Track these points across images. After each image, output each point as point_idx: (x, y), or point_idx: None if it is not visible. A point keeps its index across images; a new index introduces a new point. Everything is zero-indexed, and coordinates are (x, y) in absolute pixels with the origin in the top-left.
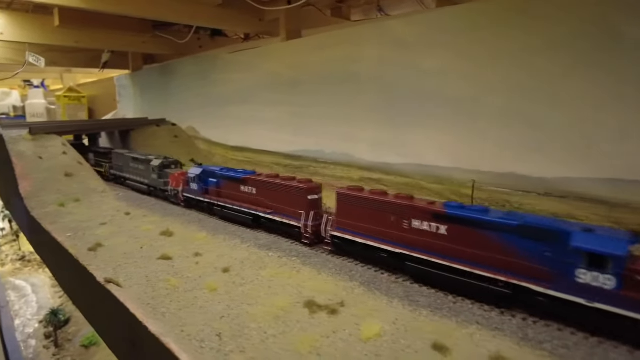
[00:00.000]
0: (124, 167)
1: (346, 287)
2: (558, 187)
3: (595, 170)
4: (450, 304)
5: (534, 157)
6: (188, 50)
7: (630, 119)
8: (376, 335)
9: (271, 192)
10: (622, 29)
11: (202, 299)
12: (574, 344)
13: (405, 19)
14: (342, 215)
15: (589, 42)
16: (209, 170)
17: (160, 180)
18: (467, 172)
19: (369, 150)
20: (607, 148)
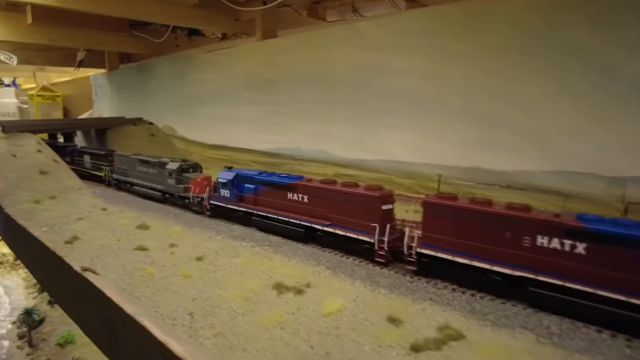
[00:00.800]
0: (129, 171)
1: (313, 271)
2: (518, 179)
3: (551, 163)
4: (407, 283)
5: (496, 152)
6: (165, 50)
7: (582, 116)
8: (337, 310)
9: (330, 201)
10: (571, 31)
11: (176, 285)
12: (514, 314)
13: (375, 21)
14: (432, 229)
15: (540, 43)
16: (245, 174)
17: (179, 185)
18: (435, 166)
19: (344, 147)
20: (562, 143)
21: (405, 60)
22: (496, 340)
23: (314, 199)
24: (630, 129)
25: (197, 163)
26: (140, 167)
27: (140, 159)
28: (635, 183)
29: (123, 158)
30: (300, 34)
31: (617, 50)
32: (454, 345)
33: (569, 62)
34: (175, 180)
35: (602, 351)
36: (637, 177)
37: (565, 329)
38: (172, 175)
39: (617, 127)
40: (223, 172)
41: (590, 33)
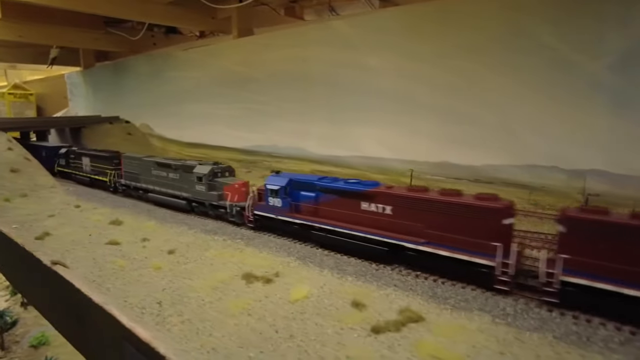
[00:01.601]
0: (142, 176)
1: (283, 261)
2: (486, 173)
3: (516, 158)
4: (373, 271)
5: (464, 147)
6: (142, 48)
7: (545, 112)
8: (303, 297)
9: (426, 214)
10: (533, 32)
11: (147, 276)
12: (472, 297)
13: (349, 20)
14: (580, 251)
15: (504, 43)
16: (302, 180)
17: (212, 193)
18: (406, 162)
19: (320, 144)
20: (526, 138)
21: (378, 58)
22: (454, 321)
23: (402, 211)
24: (587, 124)
25: (230, 166)
26: (157, 171)
27: (158, 162)
28: (594, 175)
29: (133, 161)
30: (276, 32)
31: (576, 50)
32: (413, 326)
33: (532, 61)
34: (206, 186)
35: (551, 328)
36: (595, 170)
37: (520, 310)
38: (202, 181)
39: (576, 123)
40: (272, 177)
41: (551, 34)
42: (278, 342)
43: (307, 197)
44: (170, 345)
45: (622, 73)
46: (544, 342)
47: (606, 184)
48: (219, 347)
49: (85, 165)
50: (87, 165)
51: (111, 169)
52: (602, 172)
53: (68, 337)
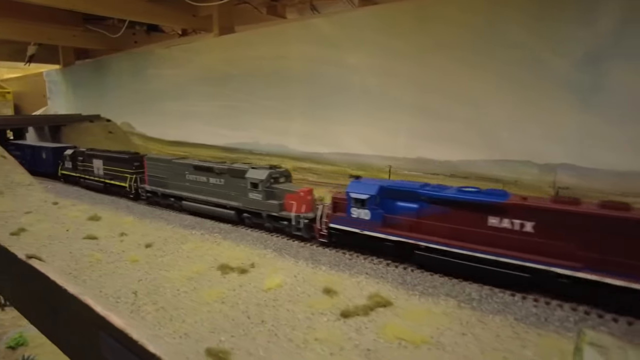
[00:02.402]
0: (173, 181)
1: (260, 253)
2: (461, 168)
3: (491, 153)
4: (346, 261)
5: (441, 143)
6: (123, 46)
7: (517, 109)
8: (277, 285)
9: (581, 232)
10: (506, 29)
11: (123, 268)
12: (440, 284)
13: (328, 18)
14: None
15: (479, 40)
16: (398, 187)
17: (272, 202)
18: (385, 158)
19: (300, 141)
20: (500, 134)
21: (358, 56)
22: (420, 306)
23: (548, 228)
24: (558, 120)
25: (287, 170)
26: (193, 175)
27: (196, 165)
28: (564, 169)
29: (161, 163)
30: (256, 31)
31: (547, 47)
32: (381, 310)
33: (505, 58)
34: (263, 194)
35: (513, 311)
36: (565, 164)
37: (485, 295)
38: (258, 188)
39: (548, 118)
40: (355, 184)
41: (523, 31)
42: (249, 327)
43: (407, 209)
44: (143, 331)
45: (588, 71)
46: (505, 323)
47: (575, 178)
48: (191, 332)
49: (97, 169)
50: (100, 168)
51: (131, 172)
52: (571, 166)
53: (44, 331)
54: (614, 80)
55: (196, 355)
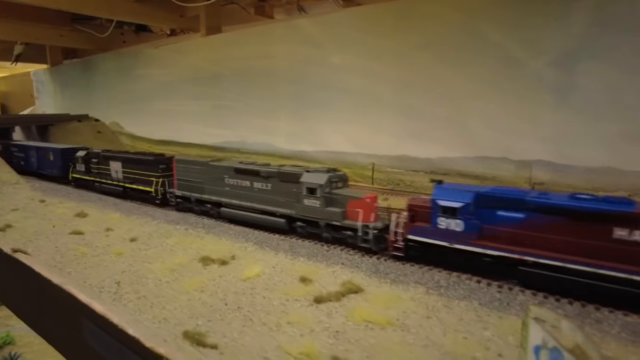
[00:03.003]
0: (209, 185)
1: (241, 246)
2: (441, 165)
3: (469, 150)
4: (324, 252)
5: (421, 141)
6: (111, 45)
7: (494, 107)
8: (255, 275)
9: None
10: (485, 30)
11: (108, 261)
12: (410, 272)
13: (313, 18)
14: None
15: (458, 41)
16: (499, 194)
17: (333, 210)
18: (368, 156)
19: (287, 140)
20: (478, 131)
21: (341, 56)
22: (390, 292)
23: None
24: (533, 118)
25: (344, 173)
26: (234, 179)
27: (238, 168)
28: (539, 165)
29: (194, 166)
30: (243, 30)
31: (521, 48)
32: (352, 296)
33: (483, 58)
34: (322, 200)
35: (478, 297)
36: (540, 160)
37: (452, 282)
38: (315, 194)
39: (523, 116)
40: (441, 189)
41: (501, 33)
42: (226, 313)
43: (510, 219)
44: (124, 316)
45: (562, 70)
46: (469, 307)
47: (550, 173)
48: (169, 317)
49: (116, 172)
50: (118, 171)
51: (157, 176)
52: (546, 162)
53: (29, 322)
54: (586, 79)
55: (173, 337)
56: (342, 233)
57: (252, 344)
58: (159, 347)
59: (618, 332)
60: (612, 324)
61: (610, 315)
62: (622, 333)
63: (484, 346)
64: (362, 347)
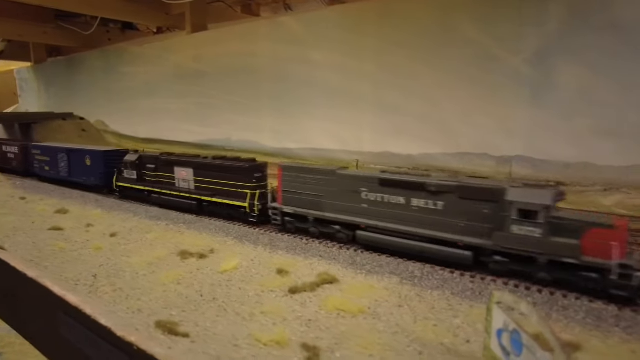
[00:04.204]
0: (335, 200)
1: (221, 241)
2: (422, 161)
3: (450, 146)
4: (303, 245)
5: (403, 138)
6: (96, 43)
7: (474, 104)
8: (233, 268)
9: None
10: (460, 27)
11: (86, 256)
12: (386, 263)
13: (296, 16)
14: None
15: (434, 38)
16: None
17: (560, 241)
18: (352, 153)
19: (272, 137)
20: (459, 128)
21: (324, 54)
22: (365, 282)
23: None
24: (511, 115)
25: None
26: (378, 193)
27: (385, 179)
28: (519, 161)
29: (310, 176)
30: (227, 28)
31: (498, 46)
32: (327, 287)
33: (461, 56)
34: (546, 228)
35: (450, 287)
36: (519, 156)
37: (426, 272)
38: (535, 219)
39: (501, 112)
40: None
41: (476, 30)
42: (201, 304)
43: None
44: (98, 307)
45: (538, 67)
46: (442, 297)
47: (529, 169)
48: (144, 308)
49: (183, 181)
50: (187, 180)
51: (251, 187)
52: (525, 157)
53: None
54: (561, 76)
55: (146, 326)
56: (578, 275)
57: (224, 332)
58: (130, 336)
59: (583, 317)
60: (578, 311)
61: (576, 302)
62: (587, 319)
63: (453, 333)
64: (332, 335)
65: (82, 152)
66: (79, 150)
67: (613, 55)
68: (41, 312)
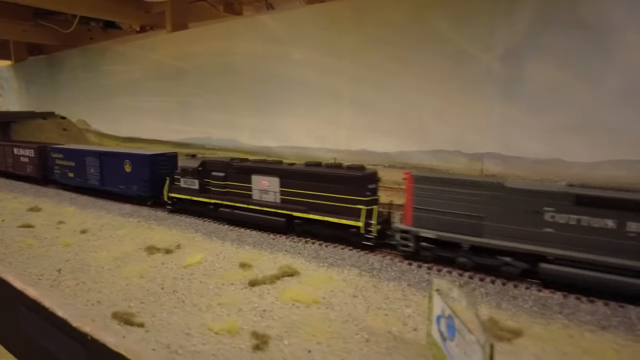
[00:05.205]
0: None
1: (189, 237)
2: (399, 159)
3: (424, 144)
4: (270, 240)
5: (379, 136)
6: (77, 42)
7: (447, 102)
8: (197, 262)
9: None
10: (434, 26)
11: (54, 251)
12: (348, 256)
13: (274, 15)
14: None
15: (409, 37)
16: None
17: None
18: (330, 151)
19: (252, 135)
20: (433, 126)
21: (303, 52)
22: (325, 274)
23: None
24: (483, 112)
25: None
26: (571, 215)
27: (585, 196)
28: (490, 158)
29: (460, 190)
30: (207, 27)
31: (471, 43)
32: (287, 279)
33: (435, 54)
34: None
35: (407, 278)
36: (491, 153)
37: (385, 265)
38: None
39: (474, 110)
40: None
41: (449, 28)
42: (160, 296)
43: None
44: (57, 300)
45: (509, 65)
46: (397, 288)
47: (500, 165)
48: (104, 300)
49: (263, 192)
50: (271, 191)
51: (365, 202)
52: (496, 154)
53: None
54: (531, 74)
55: (103, 317)
56: None
57: (178, 322)
58: (85, 326)
59: (530, 306)
60: (526, 300)
61: (526, 291)
62: (534, 307)
63: (402, 322)
64: (283, 323)
65: (119, 156)
66: (116, 153)
67: (580, 53)
68: (2, 307)
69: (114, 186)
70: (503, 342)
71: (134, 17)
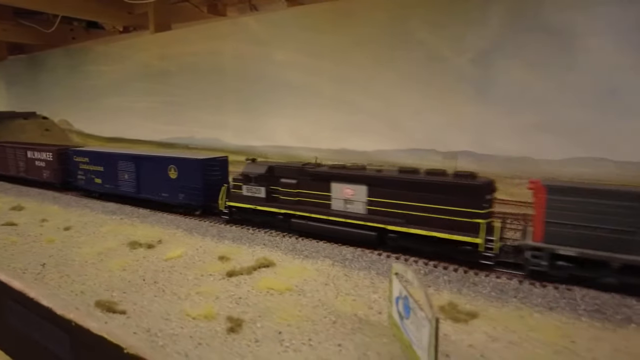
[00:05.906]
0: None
1: (170, 232)
2: (377, 158)
3: (401, 143)
4: (249, 235)
5: (359, 135)
6: (60, 42)
7: (423, 102)
8: (177, 256)
9: None
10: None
11: (38, 248)
12: (322, 249)
13: (257, 16)
14: None
15: (389, 38)
16: None
17: None
18: (312, 150)
19: (235, 135)
20: (409, 125)
21: (285, 53)
22: (299, 265)
23: None
24: (457, 112)
25: None
26: None
27: None
28: (464, 156)
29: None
30: (191, 27)
31: (445, 46)
32: (263, 270)
33: (411, 56)
34: None
35: (377, 267)
36: (465, 151)
37: (357, 255)
38: None
39: (448, 110)
40: None
41: (426, 31)
42: (141, 286)
43: None
44: (42, 291)
45: (481, 67)
46: (366, 276)
47: (474, 163)
48: (87, 291)
49: (346, 202)
50: (356, 201)
51: (482, 214)
52: (470, 152)
53: None
54: (502, 75)
55: (86, 306)
56: None
57: (159, 309)
58: (69, 314)
59: (489, 291)
60: (485, 286)
61: (485, 279)
62: (492, 292)
63: (369, 306)
64: (257, 309)
65: (162, 161)
66: (158, 158)
67: (547, 55)
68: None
69: (154, 194)
70: (460, 322)
71: (117, 18)
